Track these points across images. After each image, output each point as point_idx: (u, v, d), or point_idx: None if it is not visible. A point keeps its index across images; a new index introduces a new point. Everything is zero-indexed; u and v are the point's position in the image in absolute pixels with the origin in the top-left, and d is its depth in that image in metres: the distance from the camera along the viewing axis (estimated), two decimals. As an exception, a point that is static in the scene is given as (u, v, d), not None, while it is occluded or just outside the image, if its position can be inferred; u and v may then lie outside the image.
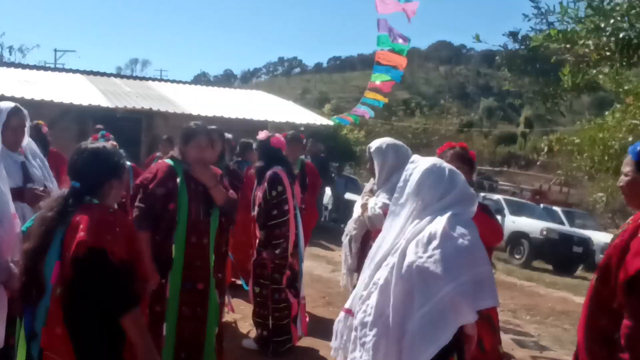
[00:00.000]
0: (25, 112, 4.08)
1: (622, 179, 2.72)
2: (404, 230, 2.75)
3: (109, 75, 21.69)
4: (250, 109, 17.74)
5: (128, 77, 23.18)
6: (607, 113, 5.10)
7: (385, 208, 4.26)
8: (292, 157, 7.13)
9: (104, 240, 2.39)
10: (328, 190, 15.64)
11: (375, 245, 2.88)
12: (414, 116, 41.92)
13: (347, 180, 18.47)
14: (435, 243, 2.55)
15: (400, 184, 2.88)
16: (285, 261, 5.38)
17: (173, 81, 22.72)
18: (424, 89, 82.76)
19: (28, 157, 4.10)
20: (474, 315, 2.47)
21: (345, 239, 4.85)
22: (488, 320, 2.60)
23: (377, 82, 13.26)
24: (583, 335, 2.78)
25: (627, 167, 2.71)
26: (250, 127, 14.88)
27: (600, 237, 16.66)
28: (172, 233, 3.86)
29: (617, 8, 3.51)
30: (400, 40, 10.94)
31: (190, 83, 24.35)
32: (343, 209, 15.96)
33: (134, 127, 14.64)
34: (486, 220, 3.30)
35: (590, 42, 3.60)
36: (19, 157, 3.94)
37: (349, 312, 2.87)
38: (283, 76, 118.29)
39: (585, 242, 15.70)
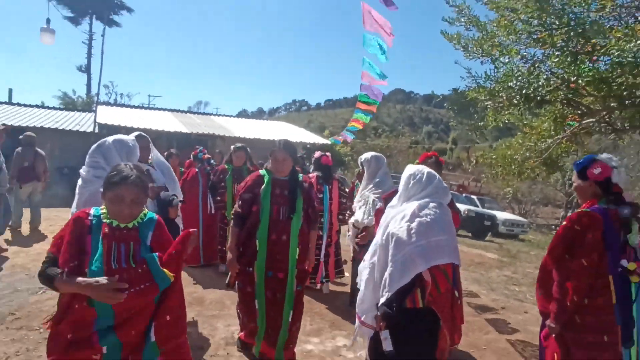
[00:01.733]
0: (147, 136, 3.95)
1: (573, 185, 2.70)
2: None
3: (185, 111, 21.70)
4: (276, 133, 17.72)
5: (197, 113, 23.17)
6: (512, 138, 5.20)
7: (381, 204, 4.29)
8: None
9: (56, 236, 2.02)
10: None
11: (380, 222, 2.78)
12: (380, 137, 41.89)
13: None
14: (405, 219, 2.51)
15: (399, 188, 2.80)
16: None
17: (225, 115, 22.71)
18: (387, 119, 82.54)
19: (154, 166, 3.97)
20: (426, 266, 2.40)
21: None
22: (443, 272, 2.48)
23: (357, 118, 13.36)
24: (538, 290, 2.77)
25: (573, 177, 2.71)
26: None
27: (501, 215, 16.67)
28: (256, 230, 3.23)
29: (520, 73, 3.58)
30: (376, 97, 10.90)
31: (235, 116, 24.31)
32: (344, 197, 15.98)
33: (203, 146, 14.74)
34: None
35: (504, 95, 3.68)
36: (144, 166, 3.84)
37: (363, 260, 2.80)
38: (295, 112, 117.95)
39: (492, 218, 15.59)
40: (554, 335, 2.55)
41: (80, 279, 1.85)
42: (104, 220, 2.01)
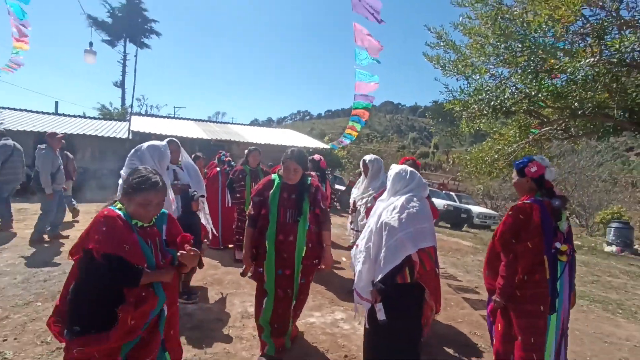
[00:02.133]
0: (177, 141, 3.99)
1: (513, 181, 2.79)
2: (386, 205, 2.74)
3: (206, 121, 21.70)
4: (284, 139, 17.73)
5: (216, 122, 23.18)
6: (483, 142, 5.23)
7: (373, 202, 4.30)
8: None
9: (92, 240, 1.75)
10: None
11: (372, 213, 2.83)
12: (372, 142, 41.96)
13: (336, 177, 18.49)
14: (395, 210, 2.57)
15: (387, 184, 2.84)
16: None
17: (239, 124, 22.69)
18: (377, 127, 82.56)
19: (182, 167, 4.02)
20: (414, 249, 2.46)
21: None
22: (427, 253, 2.55)
23: (353, 125, 13.41)
24: (485, 271, 2.82)
25: (513, 174, 2.80)
26: (283, 149, 14.97)
27: (476, 209, 16.67)
28: (266, 232, 2.97)
29: (489, 88, 3.62)
30: (368, 101, 10.96)
31: (248, 125, 24.28)
32: (334, 194, 16.13)
33: (220, 150, 14.78)
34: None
35: (475, 106, 3.72)
36: (172, 166, 3.89)
37: (356, 246, 2.84)
38: (299, 120, 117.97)
39: (468, 211, 15.58)
40: (498, 307, 2.63)
41: (161, 270, 1.88)
42: (131, 222, 1.87)
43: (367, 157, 4.72)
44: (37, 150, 6.16)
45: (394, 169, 2.83)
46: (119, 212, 1.85)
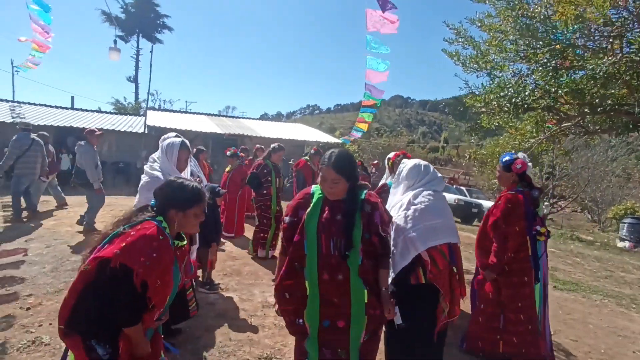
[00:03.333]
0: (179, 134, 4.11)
1: (497, 174, 3.27)
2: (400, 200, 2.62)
3: (218, 115, 21.89)
4: (295, 133, 17.80)
5: (228, 116, 23.31)
6: (500, 137, 5.21)
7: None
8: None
9: (137, 260, 1.57)
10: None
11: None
12: (382, 137, 41.66)
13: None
14: (402, 207, 2.47)
15: (397, 176, 2.75)
16: None
17: (250, 118, 22.78)
18: (387, 121, 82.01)
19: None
20: (423, 248, 2.33)
21: None
22: (440, 251, 2.38)
23: (363, 118, 13.38)
24: (476, 250, 3.23)
25: (498, 168, 3.25)
26: (295, 143, 15.09)
27: (486, 203, 16.51)
28: (303, 267, 2.06)
29: (510, 84, 3.63)
30: (377, 94, 10.89)
31: (258, 119, 24.36)
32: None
33: (233, 143, 14.86)
34: None
35: (495, 102, 3.73)
36: None
37: None
38: (309, 115, 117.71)
39: (479, 206, 15.43)
40: (489, 280, 3.10)
41: (146, 341, 1.76)
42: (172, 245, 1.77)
43: (391, 154, 4.65)
44: (76, 146, 6.41)
45: (408, 163, 2.74)
46: (167, 234, 1.74)
